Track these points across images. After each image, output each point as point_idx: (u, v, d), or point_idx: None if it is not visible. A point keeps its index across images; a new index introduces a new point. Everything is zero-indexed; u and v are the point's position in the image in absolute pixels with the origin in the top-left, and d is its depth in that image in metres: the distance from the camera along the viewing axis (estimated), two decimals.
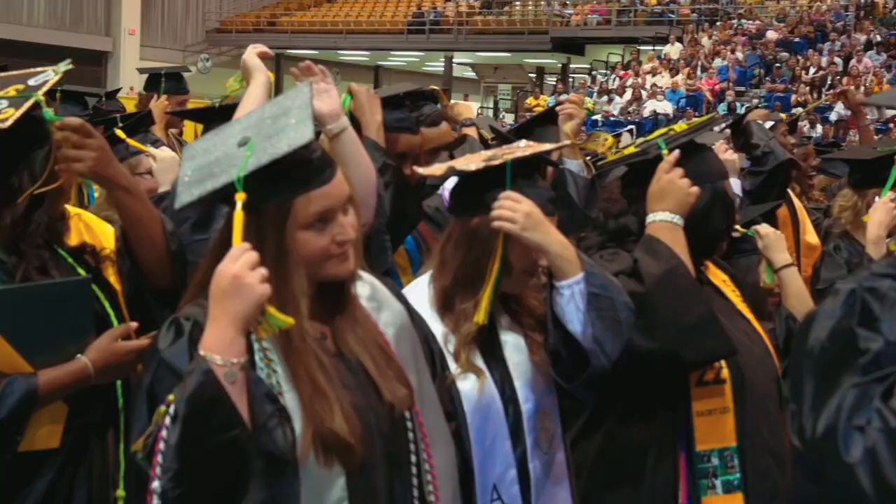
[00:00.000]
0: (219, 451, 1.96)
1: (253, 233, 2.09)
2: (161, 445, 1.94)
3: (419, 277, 2.87)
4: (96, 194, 3.83)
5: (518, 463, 2.71)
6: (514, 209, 2.66)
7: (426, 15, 35.52)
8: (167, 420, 1.94)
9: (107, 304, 2.89)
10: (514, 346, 2.79)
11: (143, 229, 2.91)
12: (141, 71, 8.29)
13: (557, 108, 4.44)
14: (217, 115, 3.46)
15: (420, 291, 2.80)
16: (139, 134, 4.75)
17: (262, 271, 2.02)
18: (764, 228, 3.92)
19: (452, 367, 2.69)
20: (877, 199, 4.20)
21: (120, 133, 4.39)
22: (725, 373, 3.05)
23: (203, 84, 27.51)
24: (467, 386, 2.69)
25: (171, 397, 1.96)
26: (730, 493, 3.02)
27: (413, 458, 2.29)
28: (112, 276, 2.95)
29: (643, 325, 2.79)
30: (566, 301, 2.68)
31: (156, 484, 1.94)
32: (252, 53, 3.04)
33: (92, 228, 3.00)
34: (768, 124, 5.93)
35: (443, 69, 36.50)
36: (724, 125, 5.99)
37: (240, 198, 2.03)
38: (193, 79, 8.87)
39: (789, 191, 5.72)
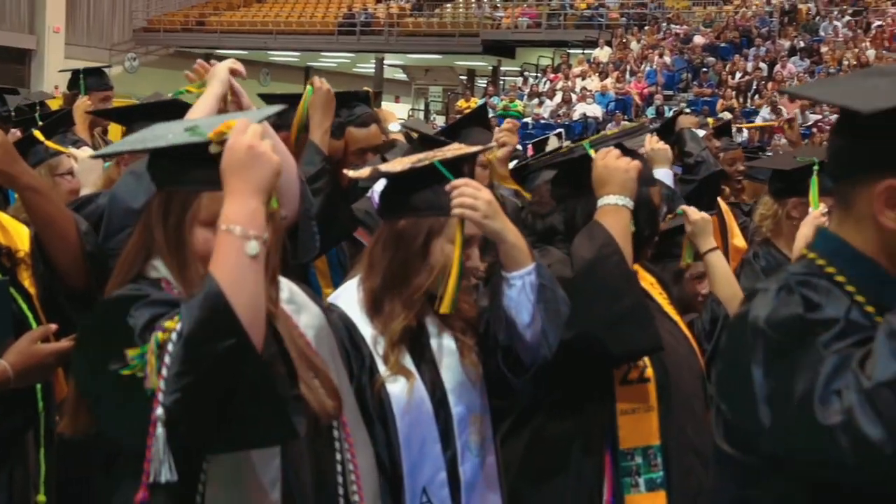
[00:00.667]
0: (220, 359, 1.86)
1: (159, 211, 2.12)
2: (165, 372, 1.87)
3: (349, 280, 2.85)
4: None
5: (448, 466, 2.70)
6: (476, 196, 2.67)
7: (357, 16, 35.39)
8: (169, 346, 1.87)
9: (24, 307, 2.83)
10: (444, 349, 2.77)
11: (55, 230, 2.85)
12: (63, 71, 8.13)
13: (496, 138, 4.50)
14: (138, 115, 3.39)
15: (349, 294, 2.78)
16: (58, 134, 4.64)
17: (271, 141, 2.00)
18: (693, 212, 3.94)
19: (382, 369, 2.68)
20: (811, 210, 4.24)
21: (38, 134, 4.29)
22: (650, 372, 3.08)
23: (130, 84, 27.14)
24: (397, 388, 2.68)
25: (168, 324, 1.90)
26: (653, 491, 3.04)
27: (338, 457, 2.30)
28: (27, 279, 2.88)
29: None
30: (517, 292, 2.70)
31: (159, 411, 1.87)
32: (224, 66, 3.00)
33: (7, 230, 2.94)
34: (700, 132, 6.01)
35: (374, 71, 36.43)
36: (652, 128, 6.04)
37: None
38: (121, 78, 8.75)
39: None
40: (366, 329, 2.71)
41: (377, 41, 34.92)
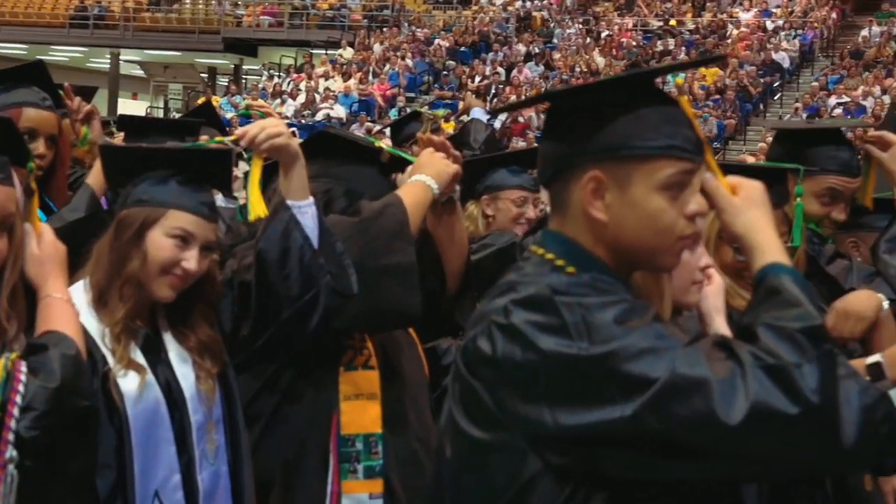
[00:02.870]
0: (77, 415, 2.20)
1: None
2: (18, 397, 2.07)
3: (75, 283, 2.74)
4: None
5: (183, 470, 2.64)
6: (275, 125, 2.77)
7: (90, 9, 34.06)
8: (20, 387, 2.08)
9: None
10: (180, 357, 2.73)
11: None
12: None
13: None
14: None
15: (77, 295, 2.67)
16: None
17: None
18: None
19: (111, 362, 2.60)
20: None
21: None
22: (374, 360, 3.10)
23: None
24: (128, 384, 2.60)
25: (13, 354, 2.13)
26: (370, 478, 3.05)
27: None
28: None
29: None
30: (309, 218, 2.79)
31: (12, 452, 2.06)
32: None
33: None
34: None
35: (109, 66, 35.13)
36: (393, 122, 6.06)
37: None
38: None
39: None
40: (94, 326, 2.63)
41: (112, 36, 33.80)
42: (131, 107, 35.72)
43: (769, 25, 29.13)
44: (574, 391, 1.75)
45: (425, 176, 3.12)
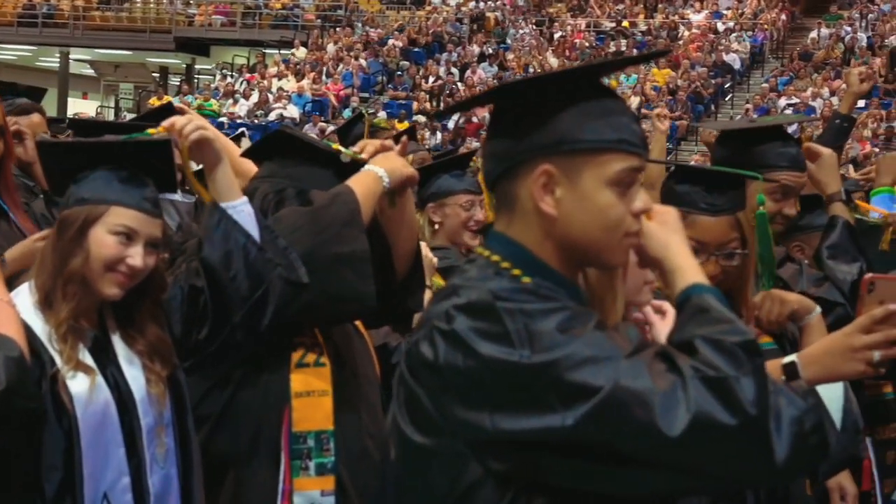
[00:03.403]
0: (25, 417, 2.26)
1: None
2: None
3: (21, 286, 2.74)
4: None
5: (133, 473, 2.64)
6: (198, 119, 2.81)
7: (39, 7, 33.64)
8: None
9: None
10: (128, 360, 2.72)
11: None
12: None
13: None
14: None
15: (23, 298, 2.66)
16: None
17: None
18: None
19: (59, 363, 2.59)
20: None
21: None
22: (326, 357, 3.09)
23: None
24: (78, 386, 2.59)
25: None
26: (322, 475, 3.04)
27: None
28: None
29: (291, 240, 2.86)
30: (245, 216, 2.81)
31: None
32: None
33: None
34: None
35: (58, 65, 34.72)
36: (340, 126, 6.04)
37: None
38: None
39: None
40: (40, 327, 2.61)
41: (62, 34, 33.41)
42: (81, 106, 35.33)
43: (720, 27, 29.41)
44: (515, 398, 1.74)
45: (376, 167, 3.11)
